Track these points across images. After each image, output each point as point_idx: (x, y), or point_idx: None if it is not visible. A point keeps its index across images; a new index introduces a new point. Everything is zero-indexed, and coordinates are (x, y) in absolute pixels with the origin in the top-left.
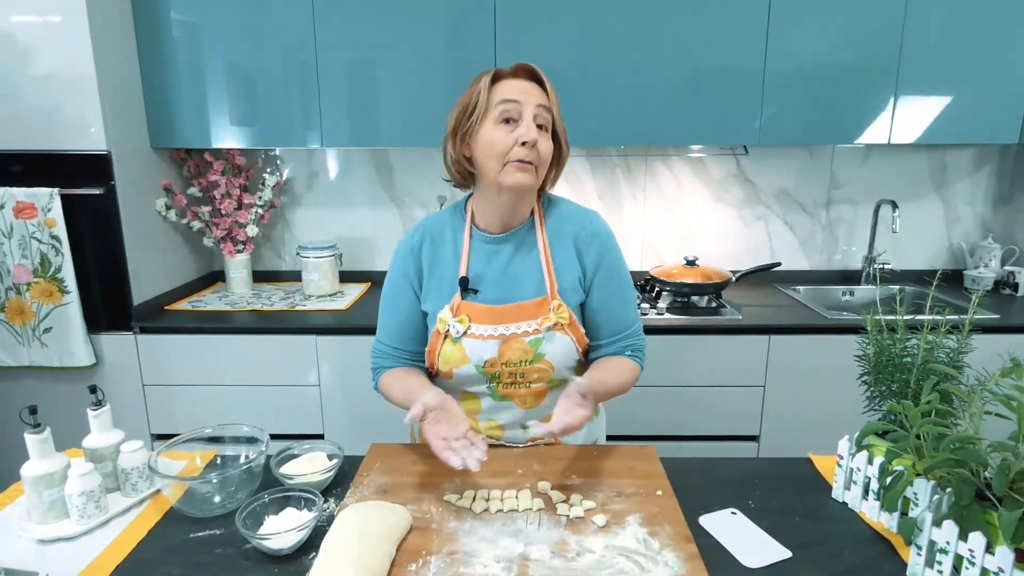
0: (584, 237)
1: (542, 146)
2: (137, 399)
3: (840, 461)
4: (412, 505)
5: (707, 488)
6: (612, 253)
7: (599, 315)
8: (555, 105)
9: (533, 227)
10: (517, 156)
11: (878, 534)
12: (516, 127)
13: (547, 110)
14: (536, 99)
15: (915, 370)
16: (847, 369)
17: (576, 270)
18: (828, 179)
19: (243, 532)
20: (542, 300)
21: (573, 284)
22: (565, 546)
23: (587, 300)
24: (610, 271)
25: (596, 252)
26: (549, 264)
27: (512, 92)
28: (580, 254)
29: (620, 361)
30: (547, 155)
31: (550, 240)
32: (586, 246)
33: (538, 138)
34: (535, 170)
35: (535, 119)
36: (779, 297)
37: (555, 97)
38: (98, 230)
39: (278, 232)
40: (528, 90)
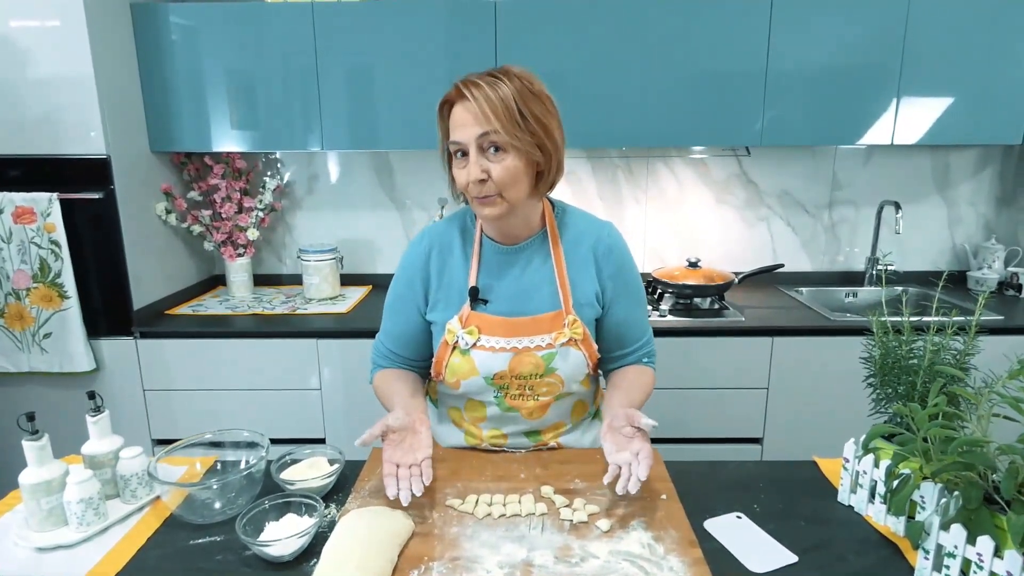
0: (602, 251)
1: (496, 172)
2: (138, 404)
3: (846, 464)
4: (414, 510)
5: (711, 492)
6: (629, 266)
7: (621, 327)
8: (503, 117)
9: (547, 238)
10: (473, 194)
11: (884, 538)
12: (467, 164)
13: (489, 133)
14: (475, 128)
15: (921, 372)
16: (850, 371)
17: (594, 285)
18: (830, 180)
19: (243, 539)
20: (557, 314)
21: (590, 300)
22: (569, 551)
23: (607, 314)
24: (628, 284)
25: (614, 266)
26: (564, 277)
27: (455, 130)
28: (599, 269)
29: (640, 373)
30: (505, 177)
31: (567, 253)
32: (605, 261)
33: (489, 166)
34: (499, 198)
35: (481, 148)
36: (782, 299)
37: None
38: (98, 235)
39: (279, 235)
40: (467, 118)
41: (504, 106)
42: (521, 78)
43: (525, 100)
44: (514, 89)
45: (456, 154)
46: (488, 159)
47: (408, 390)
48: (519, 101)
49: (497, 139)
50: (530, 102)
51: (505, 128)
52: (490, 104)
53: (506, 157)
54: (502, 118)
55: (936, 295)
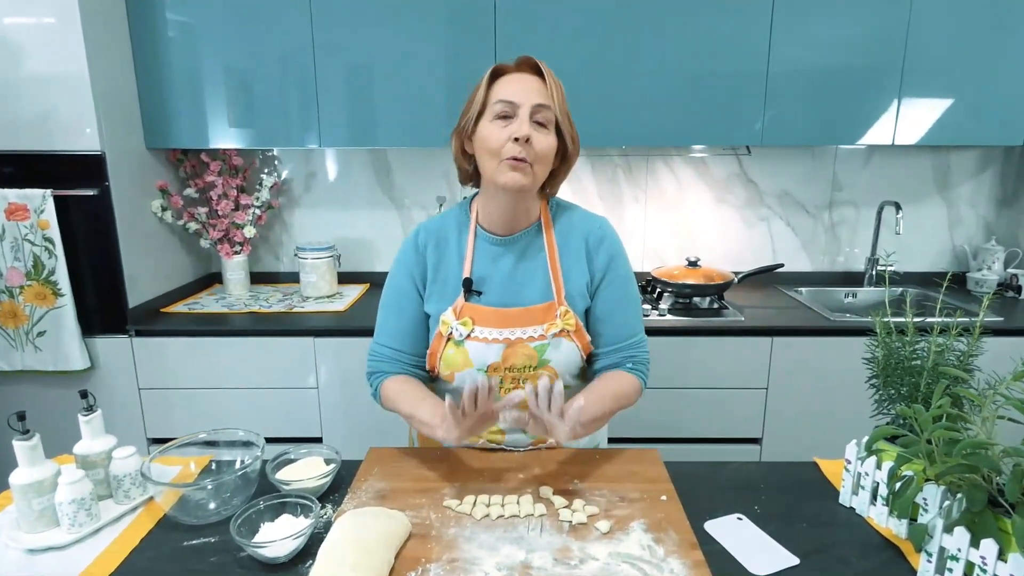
0: (593, 241)
1: (538, 143)
2: (133, 403)
3: (848, 465)
4: (411, 511)
5: (712, 493)
6: (620, 260)
7: (602, 322)
8: (558, 102)
9: (540, 230)
10: (510, 153)
11: (886, 540)
12: (509, 124)
13: (546, 108)
14: (535, 97)
15: (925, 373)
16: (850, 371)
17: (584, 275)
18: (831, 180)
19: (238, 540)
20: (549, 305)
21: (581, 290)
22: (568, 553)
23: (591, 305)
24: (616, 277)
25: (604, 257)
26: (556, 268)
27: (509, 90)
28: (589, 259)
29: (617, 376)
30: (545, 152)
31: (559, 244)
32: (595, 250)
33: (533, 134)
34: (530, 167)
35: (532, 116)
36: (781, 299)
37: (560, 93)
38: (92, 232)
39: (276, 233)
40: (527, 87)
41: (561, 93)
42: None
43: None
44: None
45: (498, 117)
46: (534, 129)
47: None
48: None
49: (549, 115)
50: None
51: (560, 110)
52: (556, 85)
53: (550, 135)
54: (559, 101)
55: (938, 296)
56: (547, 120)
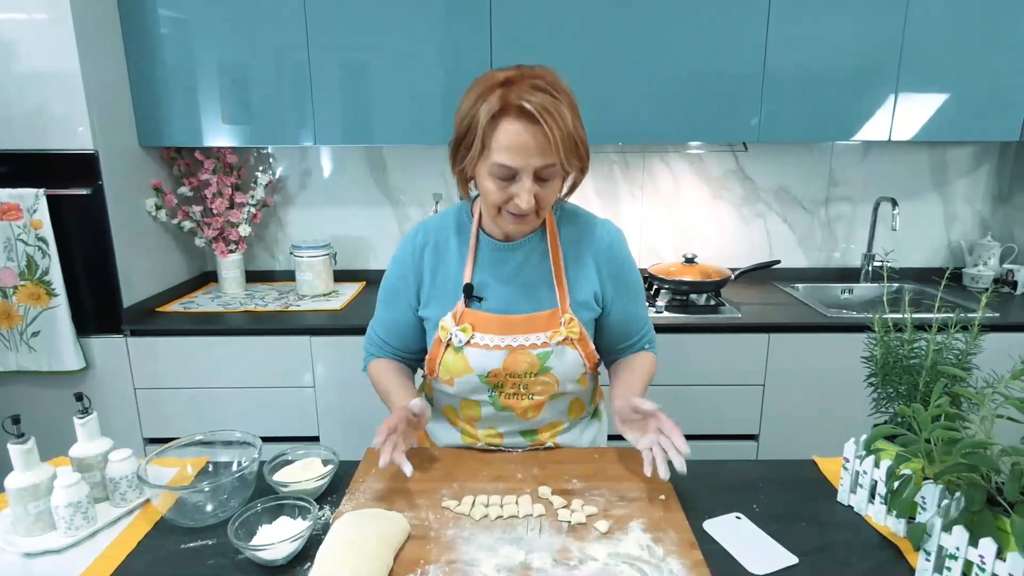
0: (602, 250)
1: (543, 197)
2: (128, 403)
3: (846, 464)
4: (409, 512)
5: (711, 492)
6: (628, 265)
7: (624, 324)
8: (565, 147)
9: (545, 236)
10: (513, 211)
11: (885, 539)
12: (511, 184)
13: (551, 166)
14: (536, 159)
15: (924, 372)
16: (846, 368)
17: (594, 285)
18: (827, 176)
19: (235, 543)
20: (553, 313)
21: (588, 300)
22: (567, 553)
23: (609, 314)
24: (628, 280)
25: (616, 266)
26: (562, 276)
27: (507, 155)
28: (600, 269)
29: (640, 357)
30: (550, 200)
31: (565, 251)
32: (605, 261)
33: (537, 190)
34: (535, 216)
35: (535, 175)
36: (778, 295)
37: (567, 133)
38: (86, 231)
39: (271, 231)
40: (527, 147)
41: (568, 136)
42: (566, 92)
43: (575, 122)
44: (569, 110)
45: (495, 176)
46: (538, 184)
47: (404, 385)
48: (573, 125)
49: (556, 170)
50: (577, 122)
51: (567, 159)
52: (560, 135)
53: (555, 182)
54: (566, 149)
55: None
56: (551, 173)
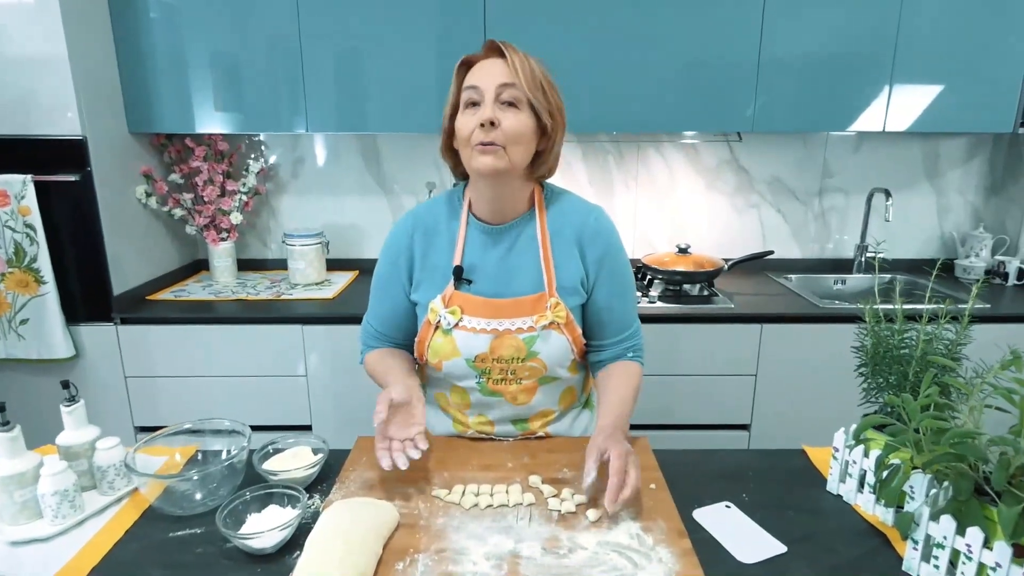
0: (587, 235)
1: (507, 123)
2: (119, 391)
3: (836, 453)
4: (399, 501)
5: (701, 481)
6: (616, 251)
7: (604, 313)
8: (525, 77)
9: (533, 218)
10: (478, 139)
11: (873, 527)
12: (477, 111)
13: (511, 86)
14: (498, 78)
15: (914, 362)
16: (839, 358)
17: (578, 270)
18: (821, 167)
19: (224, 532)
20: (539, 296)
21: (573, 285)
22: (557, 542)
23: (591, 299)
24: (614, 269)
25: (599, 250)
26: (548, 259)
27: (474, 77)
28: (583, 254)
29: (626, 372)
30: (516, 130)
31: (551, 235)
32: (589, 245)
33: (500, 115)
34: (503, 151)
35: (497, 97)
36: (771, 286)
37: (527, 68)
38: (75, 218)
39: (263, 220)
40: (491, 70)
41: (530, 69)
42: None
43: (546, 76)
44: (539, 63)
45: (467, 105)
46: (502, 109)
47: (403, 367)
48: (541, 73)
49: (517, 93)
50: (546, 75)
51: (532, 93)
52: (521, 63)
53: (520, 113)
54: (527, 77)
55: (926, 283)
56: (515, 99)
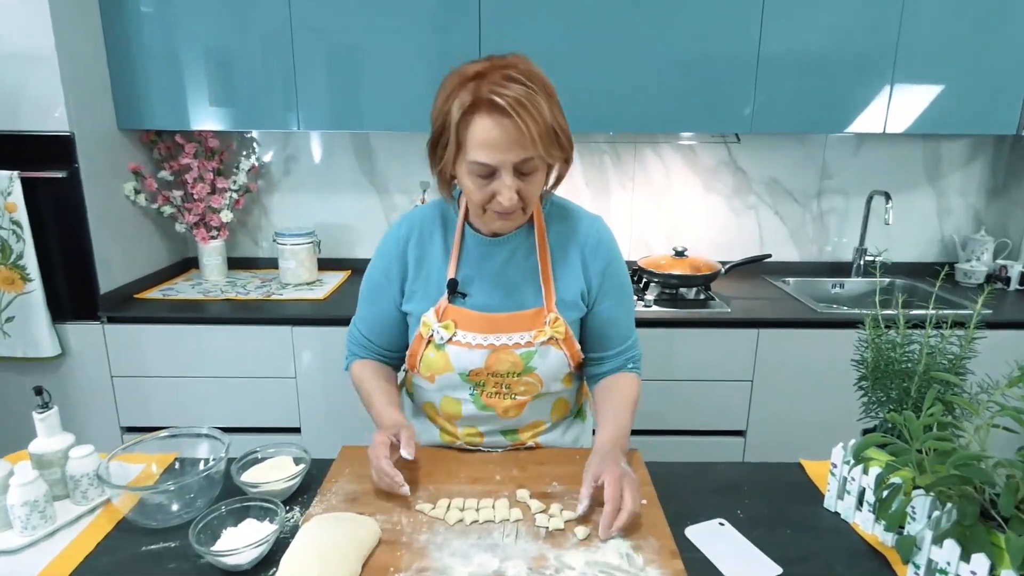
0: (590, 247)
1: (527, 192)
2: (106, 391)
3: (833, 469)
4: (382, 515)
5: (694, 495)
6: (618, 263)
7: (606, 327)
8: (543, 141)
9: (533, 231)
10: (498, 209)
11: (872, 548)
12: (491, 182)
13: (530, 160)
14: (513, 154)
15: (917, 378)
16: (836, 365)
17: (580, 284)
18: (820, 169)
19: (197, 548)
20: (538, 311)
21: (574, 299)
22: (543, 562)
23: (592, 312)
24: (615, 280)
25: (602, 262)
26: (548, 273)
27: (485, 150)
28: (586, 266)
29: (627, 385)
30: (535, 193)
31: (553, 248)
32: (592, 257)
33: (520, 186)
34: (521, 212)
35: (515, 170)
36: (769, 289)
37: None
38: (62, 215)
39: (254, 218)
40: (504, 143)
41: (546, 127)
42: (541, 80)
43: (553, 111)
44: (545, 99)
45: (474, 174)
46: (520, 179)
47: (386, 392)
48: (551, 115)
49: (538, 163)
50: (556, 111)
51: (547, 151)
52: (536, 127)
53: (538, 175)
54: (545, 141)
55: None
56: (532, 167)
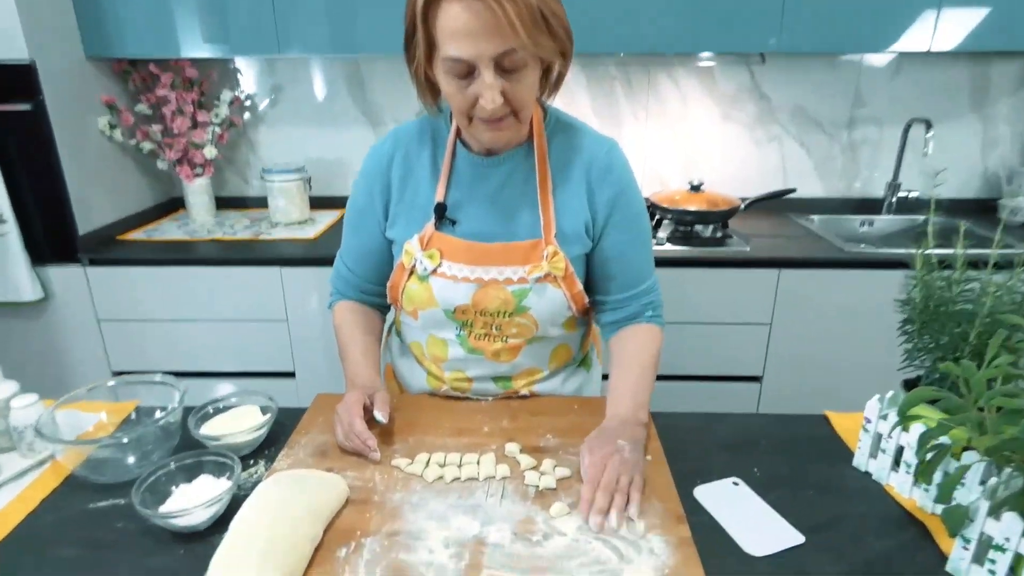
0: (598, 172)
1: (516, 93)
2: (93, 336)
3: (867, 425)
4: (353, 471)
5: (705, 451)
6: (630, 192)
7: (613, 264)
8: (526, 28)
9: (533, 151)
10: (482, 116)
11: (909, 514)
12: (472, 82)
13: (513, 52)
14: (493, 45)
15: (977, 321)
16: (862, 308)
17: (584, 214)
18: (852, 95)
19: (140, 511)
20: (534, 244)
21: (577, 231)
22: (531, 526)
23: (599, 246)
24: (627, 212)
25: (612, 191)
26: (548, 200)
27: (458, 41)
28: (591, 194)
29: (644, 338)
30: (527, 96)
31: (554, 172)
32: (600, 183)
33: (505, 87)
34: (513, 118)
35: (498, 66)
36: (791, 227)
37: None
38: (30, 151)
39: (242, 154)
40: (479, 32)
41: (529, 10)
42: None
43: None
44: None
45: (453, 74)
46: (505, 77)
47: (363, 352)
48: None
49: (520, 56)
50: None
51: (533, 40)
52: (515, 8)
53: (526, 73)
54: (528, 27)
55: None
56: (519, 63)
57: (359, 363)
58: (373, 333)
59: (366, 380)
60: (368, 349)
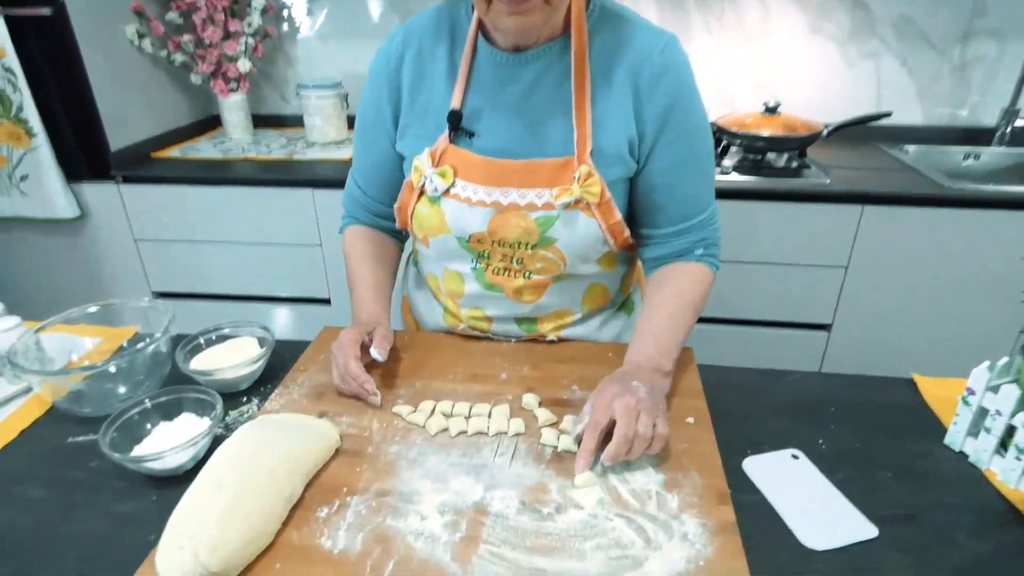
0: (649, 77)
1: None
2: (131, 255)
3: (969, 397)
4: (349, 416)
5: (759, 414)
6: (689, 102)
7: (662, 192)
8: None
9: (569, 47)
10: None
11: (1014, 509)
12: None
13: None
14: None
15: None
16: (960, 255)
17: (629, 128)
18: (972, 2)
19: (107, 453)
20: (565, 162)
21: (619, 150)
22: (542, 495)
23: (645, 169)
24: (683, 126)
25: (665, 100)
26: (584, 109)
27: None
28: (639, 103)
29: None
30: None
31: (595, 74)
32: (650, 90)
33: None
34: (542, 1)
35: None
36: (880, 158)
37: None
38: (55, 63)
39: (279, 69)
40: None
41: None
42: None
43: None
44: None
45: None
46: None
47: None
48: None
49: None
50: None
51: None
52: None
53: None
54: None
55: None
56: None
57: (364, 296)
58: (384, 262)
59: (370, 315)
60: (378, 281)
